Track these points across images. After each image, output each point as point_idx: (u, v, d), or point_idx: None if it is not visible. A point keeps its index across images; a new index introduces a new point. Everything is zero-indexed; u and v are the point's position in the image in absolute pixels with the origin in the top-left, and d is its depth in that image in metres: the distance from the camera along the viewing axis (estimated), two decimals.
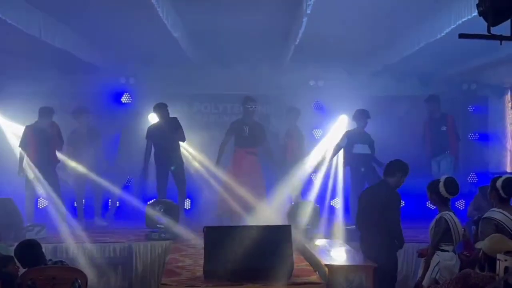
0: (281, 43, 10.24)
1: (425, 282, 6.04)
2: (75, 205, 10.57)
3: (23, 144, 9.70)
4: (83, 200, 10.61)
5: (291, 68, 11.31)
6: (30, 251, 5.56)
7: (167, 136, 9.94)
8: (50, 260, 5.69)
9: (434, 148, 10.74)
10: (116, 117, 11.34)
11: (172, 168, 10.02)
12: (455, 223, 6.02)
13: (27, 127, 9.79)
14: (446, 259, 5.97)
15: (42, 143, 9.66)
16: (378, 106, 11.23)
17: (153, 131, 10.10)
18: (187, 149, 10.96)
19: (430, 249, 6.12)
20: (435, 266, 5.99)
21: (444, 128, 10.69)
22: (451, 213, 6.10)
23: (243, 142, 10.42)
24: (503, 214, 5.69)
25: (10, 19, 7.21)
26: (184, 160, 10.34)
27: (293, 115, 11.07)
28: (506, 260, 4.55)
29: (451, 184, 6.13)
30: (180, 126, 10.02)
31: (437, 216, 6.16)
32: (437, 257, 6.00)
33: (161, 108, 10.03)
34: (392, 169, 7.11)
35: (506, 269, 4.52)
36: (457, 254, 6.07)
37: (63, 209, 9.56)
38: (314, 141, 11.63)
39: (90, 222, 10.25)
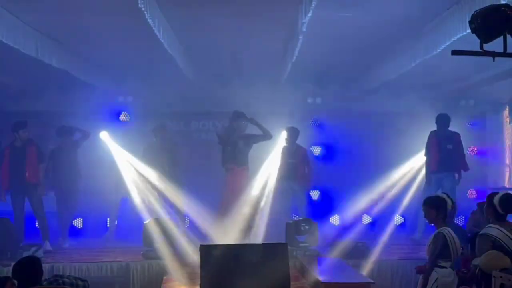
0: (278, 61, 10.26)
1: None
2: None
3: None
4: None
5: (288, 85, 11.35)
6: (30, 269, 5.44)
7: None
8: (45, 280, 5.62)
9: (437, 165, 10.12)
10: (115, 135, 11.31)
11: None
12: (453, 238, 5.98)
13: (5, 147, 9.68)
14: (444, 276, 5.92)
15: (19, 162, 9.49)
16: (375, 123, 11.26)
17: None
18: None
19: (428, 266, 6.08)
20: (433, 283, 5.95)
21: (450, 147, 10.19)
22: (449, 229, 6.08)
23: (233, 158, 10.12)
24: (500, 230, 5.65)
25: (6, 39, 7.25)
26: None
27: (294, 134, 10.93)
28: (501, 277, 4.52)
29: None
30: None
31: (435, 232, 6.12)
32: (435, 273, 5.96)
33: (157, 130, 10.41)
34: None
35: (502, 286, 4.50)
36: (455, 271, 6.04)
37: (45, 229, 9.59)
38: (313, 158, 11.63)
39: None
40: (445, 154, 10.07)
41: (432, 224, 6.30)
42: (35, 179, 9.59)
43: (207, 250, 6.38)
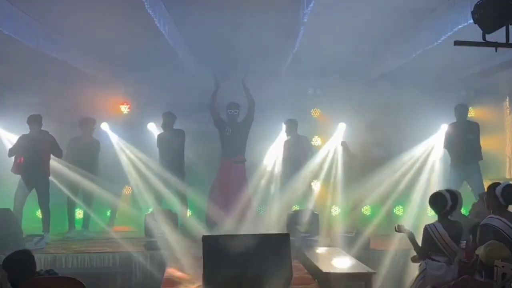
0: (279, 51, 10.25)
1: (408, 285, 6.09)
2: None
3: (13, 153, 9.68)
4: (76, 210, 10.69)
5: (289, 77, 11.33)
6: (23, 263, 5.31)
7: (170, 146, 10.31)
8: (41, 270, 5.61)
9: (458, 156, 10.16)
10: (115, 126, 11.30)
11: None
12: (439, 234, 6.01)
13: (21, 136, 9.78)
14: (433, 269, 5.97)
15: (32, 153, 9.56)
16: (376, 114, 11.25)
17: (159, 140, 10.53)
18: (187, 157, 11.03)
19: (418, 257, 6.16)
20: (420, 273, 6.03)
21: (471, 137, 10.20)
22: (438, 224, 6.08)
23: (228, 144, 10.46)
24: (501, 220, 5.67)
25: (7, 30, 7.24)
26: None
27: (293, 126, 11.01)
28: (503, 267, 4.54)
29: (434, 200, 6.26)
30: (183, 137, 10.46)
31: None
32: (425, 264, 6.02)
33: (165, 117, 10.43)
34: None
35: (504, 275, 4.52)
36: (452, 265, 6.02)
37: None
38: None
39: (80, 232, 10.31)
40: (467, 145, 10.11)
41: None
42: (46, 169, 9.66)
43: (209, 240, 6.41)
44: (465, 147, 10.11)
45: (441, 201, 6.17)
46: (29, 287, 5.14)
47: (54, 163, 9.96)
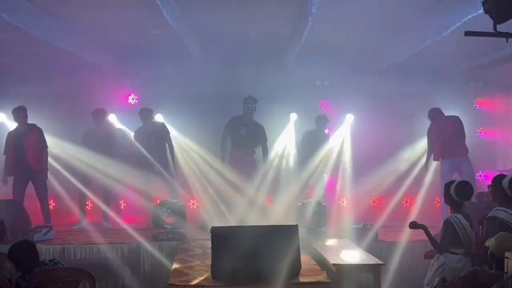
0: (287, 42, 10.22)
1: (426, 281, 6.04)
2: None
3: (6, 151, 9.56)
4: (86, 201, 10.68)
5: (296, 67, 11.31)
6: (28, 252, 5.39)
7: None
8: (44, 259, 5.61)
9: (447, 149, 10.02)
10: (123, 118, 11.30)
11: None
12: (462, 226, 5.96)
13: (8, 133, 9.63)
14: (452, 262, 5.92)
15: (21, 149, 9.37)
16: (384, 105, 11.22)
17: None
18: (195, 149, 11.03)
19: (436, 251, 6.11)
20: (439, 267, 5.97)
21: (453, 129, 10.09)
22: (459, 216, 6.04)
23: (240, 143, 10.47)
24: (507, 212, 5.64)
25: (15, 21, 7.24)
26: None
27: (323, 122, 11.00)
28: None
29: (463, 188, 6.09)
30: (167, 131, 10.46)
31: (444, 219, 6.14)
32: (444, 258, 5.97)
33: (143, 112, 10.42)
34: None
35: None
36: (468, 257, 6.00)
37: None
38: None
39: (95, 224, 10.31)
40: (451, 138, 10.00)
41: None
42: (37, 166, 9.45)
43: (218, 232, 6.42)
44: (449, 140, 9.98)
45: (470, 190, 6.13)
46: (40, 277, 5.18)
47: (68, 156, 10.04)
